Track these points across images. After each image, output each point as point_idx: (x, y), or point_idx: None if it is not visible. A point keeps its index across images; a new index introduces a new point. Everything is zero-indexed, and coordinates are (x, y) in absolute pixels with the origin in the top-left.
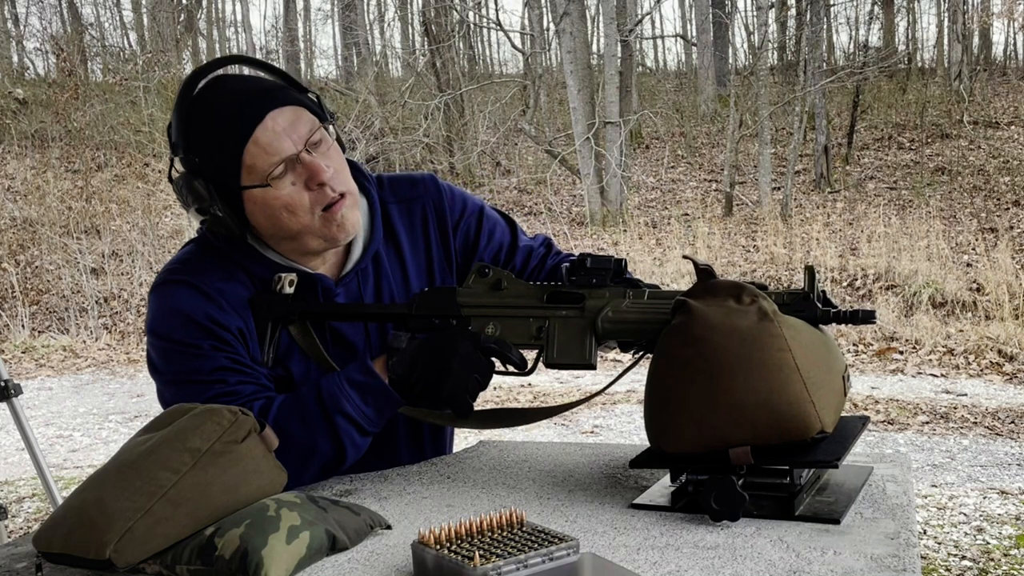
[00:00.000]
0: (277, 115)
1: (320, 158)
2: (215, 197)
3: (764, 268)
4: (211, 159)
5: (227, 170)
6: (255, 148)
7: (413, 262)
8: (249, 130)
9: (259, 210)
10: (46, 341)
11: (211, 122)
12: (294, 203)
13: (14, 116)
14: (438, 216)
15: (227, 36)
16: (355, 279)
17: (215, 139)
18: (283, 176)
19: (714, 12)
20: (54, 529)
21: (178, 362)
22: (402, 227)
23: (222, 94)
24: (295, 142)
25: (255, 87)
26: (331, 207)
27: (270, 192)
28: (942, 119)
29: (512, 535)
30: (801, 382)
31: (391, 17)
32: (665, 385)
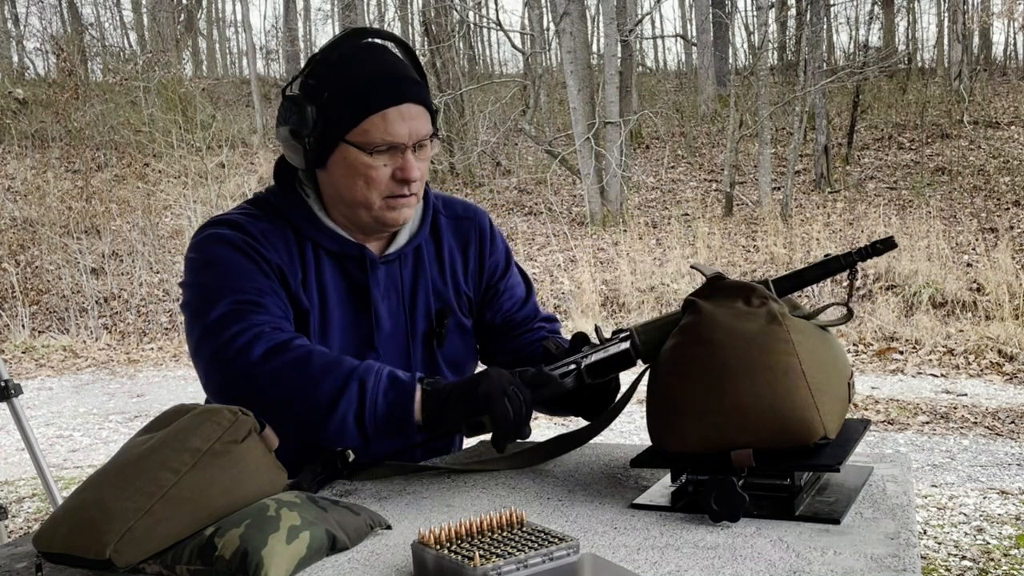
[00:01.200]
0: (412, 108)
1: (418, 160)
2: (316, 130)
3: (764, 268)
4: (338, 102)
5: (344, 120)
6: (380, 120)
7: (450, 267)
8: (385, 104)
9: (343, 166)
10: (46, 341)
11: (359, 76)
12: (374, 179)
13: (14, 116)
14: (480, 244)
15: (227, 36)
16: (396, 261)
17: (354, 91)
18: (383, 154)
19: (714, 12)
20: (54, 529)
21: (217, 276)
22: (449, 237)
23: (382, 62)
24: (410, 136)
25: (409, 75)
26: (398, 199)
27: (364, 159)
28: (942, 119)
29: (512, 535)
30: (807, 387)
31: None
32: (670, 384)
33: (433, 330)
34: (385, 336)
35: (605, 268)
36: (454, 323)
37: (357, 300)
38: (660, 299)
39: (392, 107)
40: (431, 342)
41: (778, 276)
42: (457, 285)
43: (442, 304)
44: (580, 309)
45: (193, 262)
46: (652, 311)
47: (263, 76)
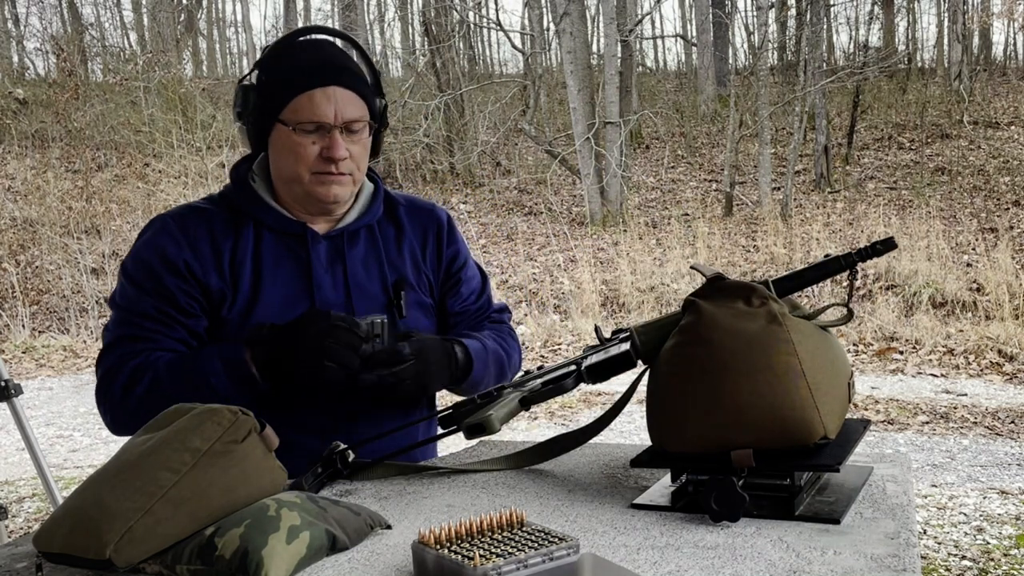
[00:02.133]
0: (338, 91)
1: (347, 142)
2: (254, 112)
3: (764, 268)
4: (273, 85)
5: (277, 101)
6: (306, 101)
7: (408, 249)
8: (311, 85)
9: (276, 143)
10: (46, 341)
11: (291, 60)
12: (302, 155)
13: (14, 116)
14: (438, 234)
15: (227, 36)
16: (340, 237)
17: (285, 74)
18: (309, 133)
19: (714, 12)
20: (54, 529)
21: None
22: (408, 224)
23: (316, 48)
24: (336, 117)
25: (340, 62)
26: (326, 175)
27: (292, 136)
28: (942, 119)
29: (512, 535)
30: (807, 388)
31: (391, 17)
32: (670, 384)
33: (392, 302)
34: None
35: (605, 268)
36: (414, 299)
37: (300, 275)
38: (660, 299)
39: (319, 88)
40: (391, 313)
41: (778, 276)
42: (417, 265)
43: (399, 276)
44: (580, 309)
45: (123, 265)
46: (652, 311)
47: None
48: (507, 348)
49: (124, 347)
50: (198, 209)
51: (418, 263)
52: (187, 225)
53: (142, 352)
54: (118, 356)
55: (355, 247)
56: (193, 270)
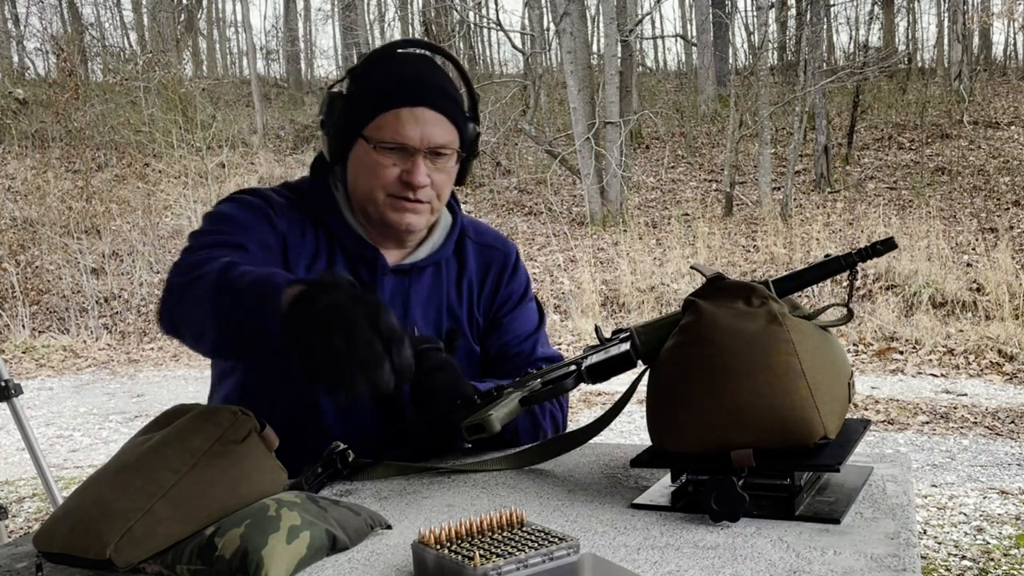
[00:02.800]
0: (428, 113)
1: (430, 169)
2: (339, 122)
3: (764, 268)
4: (361, 97)
5: (363, 114)
6: (392, 119)
7: (468, 291)
8: (400, 103)
9: (355, 158)
10: (46, 341)
11: (385, 76)
12: (381, 176)
13: (14, 116)
14: (500, 272)
15: (227, 36)
16: (409, 273)
17: (376, 88)
18: (390, 153)
19: (714, 12)
20: (54, 529)
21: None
22: (473, 260)
23: (411, 64)
24: (422, 140)
25: (435, 82)
26: (403, 201)
27: (372, 154)
28: (942, 119)
29: (512, 535)
30: (807, 388)
31: (391, 17)
32: (670, 384)
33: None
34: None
35: (605, 268)
36: (464, 346)
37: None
38: (660, 299)
39: (407, 107)
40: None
41: (778, 276)
42: (471, 308)
43: (454, 323)
44: (580, 309)
45: (203, 217)
46: (652, 311)
47: (263, 76)
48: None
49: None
50: (287, 196)
51: (472, 306)
52: (284, 206)
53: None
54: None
55: (419, 284)
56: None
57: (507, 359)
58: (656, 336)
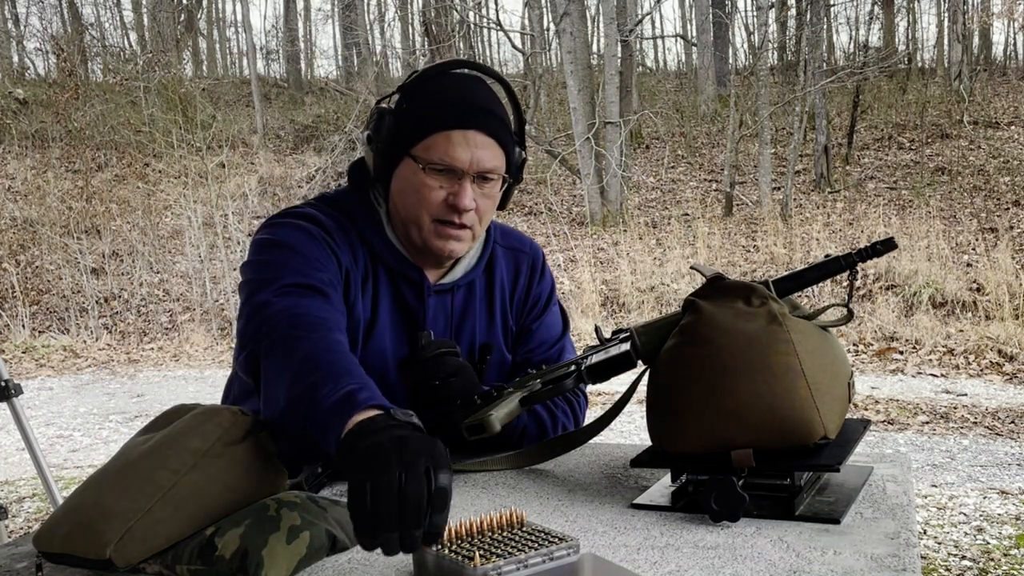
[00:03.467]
0: (479, 136)
1: (476, 193)
2: (387, 139)
3: (764, 268)
4: (411, 116)
5: (412, 133)
6: (443, 139)
7: (500, 301)
8: (452, 125)
9: (402, 179)
10: (46, 341)
11: (437, 95)
12: (427, 198)
13: (14, 116)
14: (530, 275)
15: (227, 36)
16: (449, 294)
17: (428, 107)
18: (438, 175)
19: (714, 12)
20: (54, 529)
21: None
22: (503, 268)
23: (466, 88)
24: (471, 164)
25: (488, 105)
26: (448, 227)
27: (420, 174)
28: (942, 119)
29: (512, 535)
30: (807, 387)
31: (391, 17)
32: (670, 384)
33: (475, 365)
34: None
35: (605, 268)
36: (497, 359)
37: (406, 323)
38: (660, 299)
39: (458, 130)
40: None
41: (778, 276)
42: (505, 316)
43: (487, 339)
44: (580, 309)
45: (262, 242)
46: (652, 311)
47: (263, 76)
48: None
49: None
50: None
51: (507, 311)
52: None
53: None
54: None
55: (456, 300)
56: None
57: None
58: (656, 336)
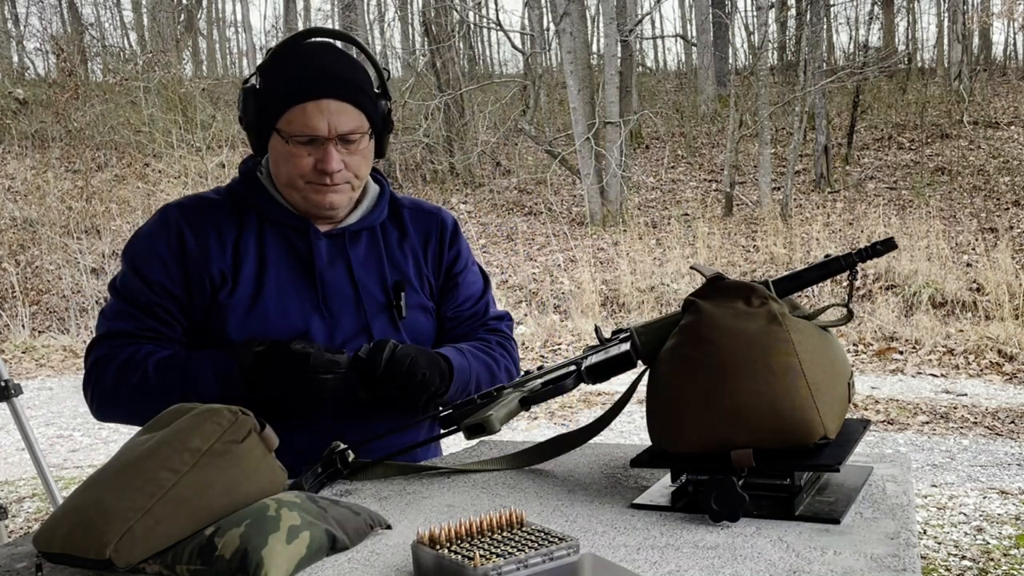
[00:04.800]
0: (333, 103)
1: (342, 153)
2: (254, 118)
3: (764, 268)
4: (270, 94)
5: (271, 110)
6: (299, 113)
7: (411, 250)
8: (304, 98)
9: (273, 151)
10: (46, 341)
11: (289, 71)
12: (297, 166)
13: (14, 116)
14: (441, 235)
15: (227, 36)
16: (342, 236)
17: (280, 84)
18: (303, 145)
19: (714, 12)
20: (54, 529)
21: (123, 280)
22: (412, 226)
23: (312, 57)
24: (330, 130)
25: (336, 72)
26: (321, 186)
27: (286, 146)
28: (942, 119)
29: (512, 535)
30: (807, 387)
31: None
32: (670, 384)
33: (391, 302)
34: (337, 305)
35: (605, 268)
36: (416, 301)
37: (301, 269)
38: (660, 299)
39: (311, 101)
40: (391, 313)
41: (778, 276)
42: (419, 266)
43: (400, 277)
44: (580, 309)
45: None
46: (652, 311)
47: None
48: (495, 359)
49: (116, 340)
50: (205, 198)
51: (420, 265)
52: (192, 213)
53: (134, 345)
54: (109, 348)
55: (357, 247)
56: (191, 261)
57: (463, 321)
58: (656, 336)
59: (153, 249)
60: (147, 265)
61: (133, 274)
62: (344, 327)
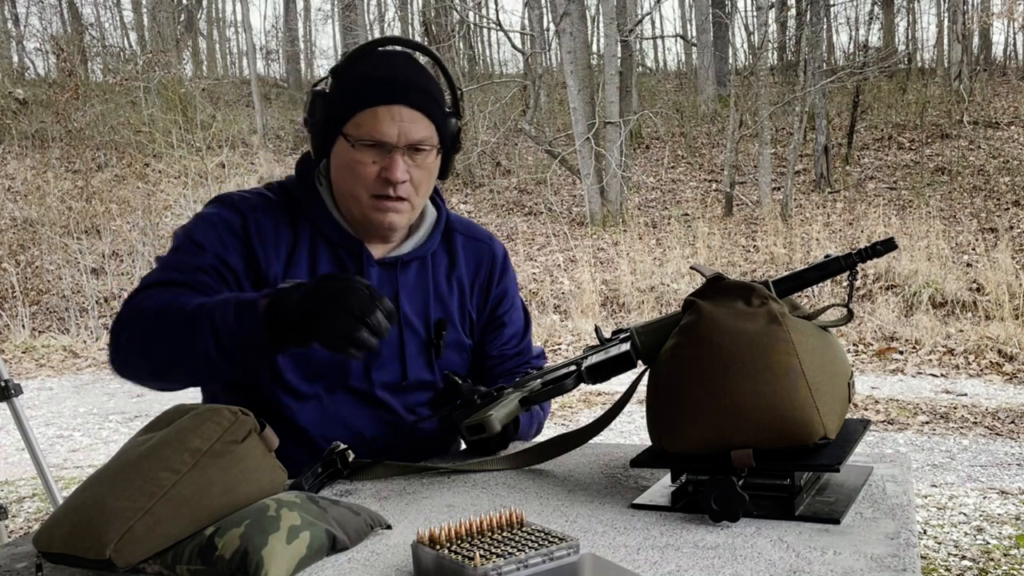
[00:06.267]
0: (405, 111)
1: (409, 165)
2: (320, 120)
3: (764, 268)
4: (340, 95)
5: (342, 113)
6: (370, 116)
7: (458, 284)
8: (376, 102)
9: (336, 156)
10: (46, 341)
11: (363, 74)
12: (361, 174)
13: (14, 116)
14: (491, 269)
15: (227, 36)
16: (395, 265)
17: (353, 86)
18: (369, 150)
19: (714, 12)
20: (54, 529)
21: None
22: (463, 255)
23: (390, 62)
24: (400, 137)
25: (412, 79)
26: (384, 200)
27: (352, 152)
28: (942, 119)
29: (512, 535)
30: (807, 387)
31: (391, 17)
32: (670, 384)
33: (431, 340)
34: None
35: (605, 268)
36: (454, 338)
37: None
38: (660, 299)
39: (383, 105)
40: (429, 352)
41: (778, 276)
42: (463, 301)
43: (443, 315)
44: (580, 309)
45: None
46: (652, 311)
47: (263, 76)
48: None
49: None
50: (265, 196)
51: (464, 300)
52: (256, 208)
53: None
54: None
55: (406, 276)
56: (256, 252)
57: (507, 359)
58: (656, 336)
59: (212, 223)
60: (208, 235)
61: (190, 243)
62: (382, 361)
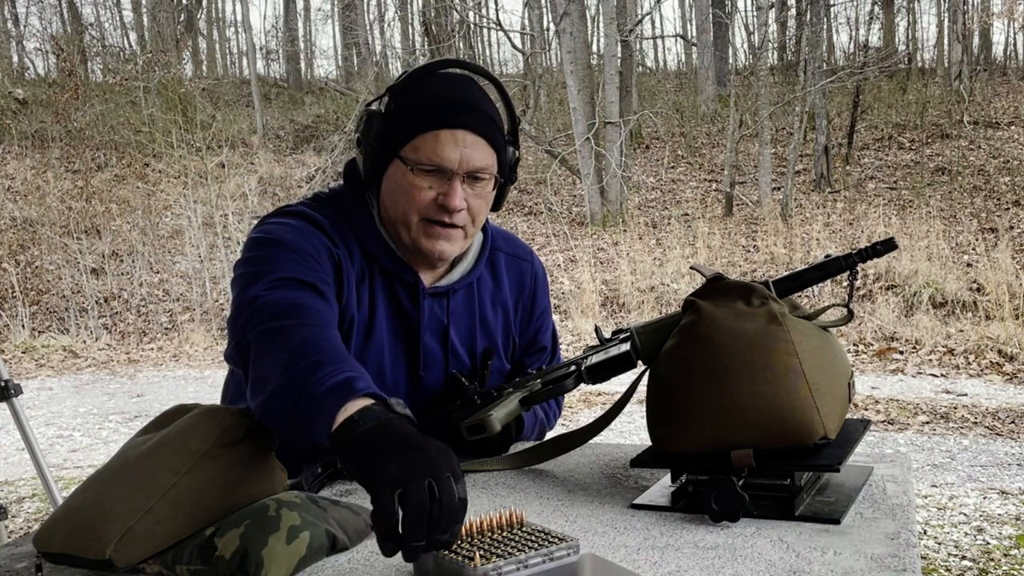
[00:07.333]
0: (468, 136)
1: (467, 193)
2: (375, 141)
3: (764, 268)
4: (399, 116)
5: (400, 134)
6: (431, 139)
7: (503, 308)
8: (439, 125)
9: (391, 179)
10: (46, 341)
11: (425, 95)
12: (416, 199)
13: (14, 116)
14: (534, 289)
15: (227, 36)
16: (446, 296)
17: (415, 107)
18: (427, 175)
19: (714, 12)
20: (54, 529)
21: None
22: (506, 276)
23: (452, 84)
24: (460, 163)
25: (476, 104)
26: (436, 226)
27: (409, 176)
28: (942, 119)
29: (512, 535)
30: (807, 387)
31: (391, 17)
32: (670, 384)
33: (476, 370)
34: (428, 370)
35: (605, 268)
36: (497, 367)
37: (402, 326)
38: (660, 299)
39: (446, 129)
40: (472, 382)
41: (778, 276)
42: (507, 326)
43: (489, 344)
44: (580, 309)
45: (256, 240)
46: (652, 311)
47: (263, 76)
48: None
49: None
50: (334, 220)
51: (509, 324)
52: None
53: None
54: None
55: (454, 304)
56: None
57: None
58: (656, 336)
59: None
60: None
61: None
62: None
